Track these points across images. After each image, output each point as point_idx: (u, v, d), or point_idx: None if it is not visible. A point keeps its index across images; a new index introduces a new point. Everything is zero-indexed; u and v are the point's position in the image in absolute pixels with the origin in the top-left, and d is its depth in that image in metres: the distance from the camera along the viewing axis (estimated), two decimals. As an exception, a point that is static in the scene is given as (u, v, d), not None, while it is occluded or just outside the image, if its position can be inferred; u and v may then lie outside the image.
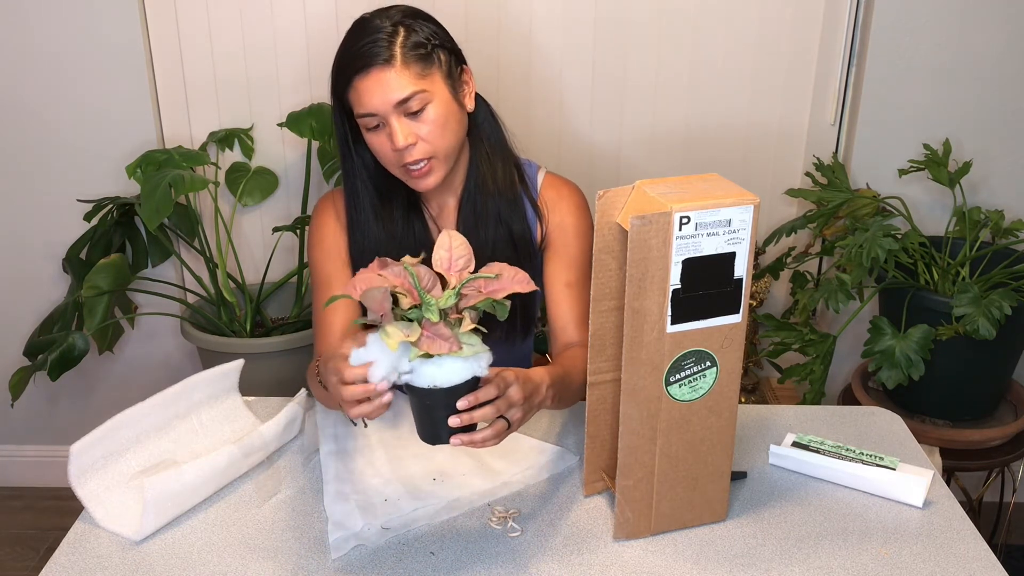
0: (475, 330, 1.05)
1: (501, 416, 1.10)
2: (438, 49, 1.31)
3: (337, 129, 1.38)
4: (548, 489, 1.26)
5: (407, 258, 1.05)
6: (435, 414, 1.06)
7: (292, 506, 1.22)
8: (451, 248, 1.07)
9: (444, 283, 1.06)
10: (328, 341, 1.40)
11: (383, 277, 1.03)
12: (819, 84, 2.25)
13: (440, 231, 1.44)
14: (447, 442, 1.07)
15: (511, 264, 1.06)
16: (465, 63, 1.37)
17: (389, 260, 1.05)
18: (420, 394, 1.05)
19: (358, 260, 1.43)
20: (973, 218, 2.03)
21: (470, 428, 1.08)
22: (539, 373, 1.19)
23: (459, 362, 1.03)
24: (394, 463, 1.30)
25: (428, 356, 1.03)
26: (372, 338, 1.05)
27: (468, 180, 1.43)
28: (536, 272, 1.46)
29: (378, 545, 1.15)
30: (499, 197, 1.42)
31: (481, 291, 1.04)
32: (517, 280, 1.05)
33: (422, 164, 1.32)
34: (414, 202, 1.44)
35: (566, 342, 1.43)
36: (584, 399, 1.37)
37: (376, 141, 1.32)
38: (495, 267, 1.06)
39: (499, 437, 1.10)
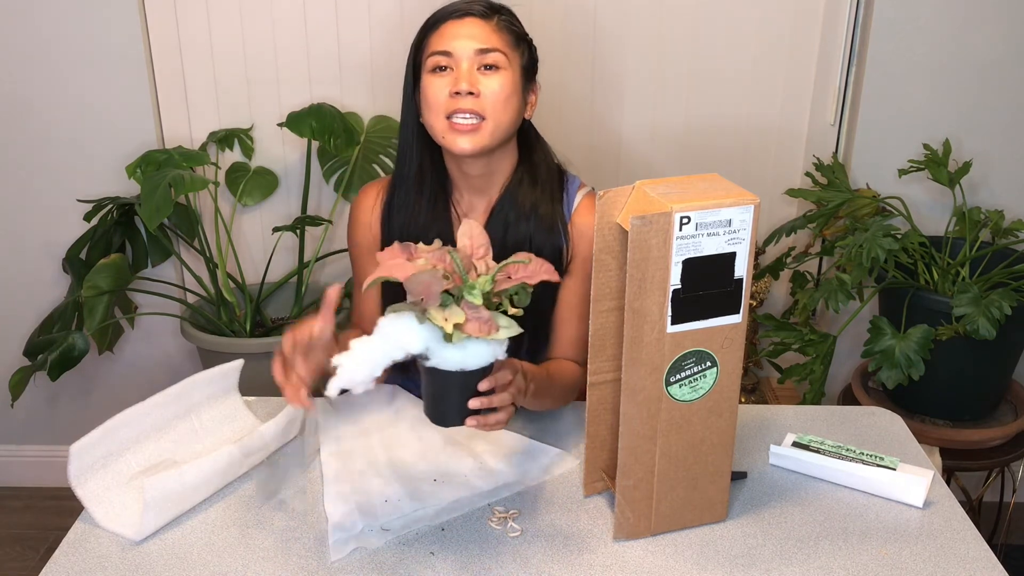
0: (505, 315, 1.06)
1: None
2: (525, 43, 1.39)
3: (406, 88, 1.40)
4: (548, 489, 1.26)
5: (437, 242, 1.07)
6: (451, 396, 1.07)
7: (292, 506, 1.22)
8: (472, 236, 1.09)
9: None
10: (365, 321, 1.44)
11: (431, 260, 1.03)
12: (819, 84, 2.25)
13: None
14: (460, 424, 1.08)
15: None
16: (537, 79, 1.43)
17: (415, 245, 1.06)
18: (441, 376, 1.05)
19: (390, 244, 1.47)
20: (973, 218, 2.03)
21: (479, 411, 1.09)
22: (526, 364, 1.23)
23: (483, 345, 1.04)
24: (395, 464, 1.29)
25: (452, 339, 1.03)
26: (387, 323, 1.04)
27: (506, 189, 1.41)
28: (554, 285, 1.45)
29: (378, 546, 1.15)
30: (531, 214, 1.39)
31: (511, 277, 1.05)
32: (545, 269, 1.06)
33: (470, 118, 1.31)
34: (445, 198, 1.43)
35: (559, 356, 1.45)
36: (557, 406, 1.40)
37: (435, 82, 1.33)
38: (524, 254, 1.07)
39: (507, 421, 1.13)
